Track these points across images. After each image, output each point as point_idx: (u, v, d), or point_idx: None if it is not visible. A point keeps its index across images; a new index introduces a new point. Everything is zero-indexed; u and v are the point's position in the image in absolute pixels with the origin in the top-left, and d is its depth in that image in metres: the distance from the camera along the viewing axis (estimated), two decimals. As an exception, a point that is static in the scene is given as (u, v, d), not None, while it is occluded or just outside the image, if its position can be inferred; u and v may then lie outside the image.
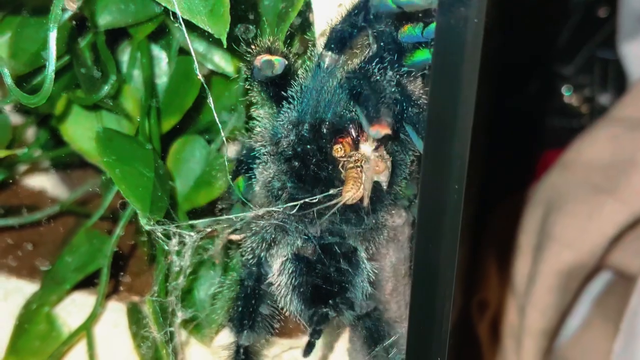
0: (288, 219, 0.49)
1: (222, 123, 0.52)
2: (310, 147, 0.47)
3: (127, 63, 0.57)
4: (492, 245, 0.88)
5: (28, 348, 0.58)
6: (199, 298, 0.57)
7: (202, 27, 0.44)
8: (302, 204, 0.47)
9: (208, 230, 0.53)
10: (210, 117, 0.56)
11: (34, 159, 0.67)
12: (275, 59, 0.47)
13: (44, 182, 0.71)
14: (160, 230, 0.50)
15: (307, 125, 0.48)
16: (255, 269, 0.51)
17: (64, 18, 0.49)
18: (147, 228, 0.50)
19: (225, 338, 0.53)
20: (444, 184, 0.39)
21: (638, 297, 0.72)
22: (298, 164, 0.48)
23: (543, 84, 1.02)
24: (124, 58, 0.58)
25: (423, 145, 0.41)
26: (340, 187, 0.46)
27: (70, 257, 0.59)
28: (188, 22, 0.44)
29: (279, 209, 0.48)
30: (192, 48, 0.46)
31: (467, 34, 0.35)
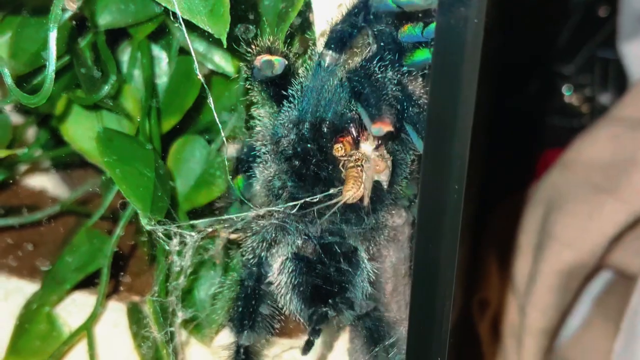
0: (288, 219, 0.49)
1: (222, 123, 0.52)
2: (311, 146, 0.47)
3: (127, 63, 0.57)
4: (492, 245, 0.88)
5: (28, 348, 0.58)
6: (200, 298, 0.57)
7: (202, 27, 0.44)
8: (302, 204, 0.47)
9: (209, 230, 0.53)
10: (211, 117, 0.56)
11: (35, 159, 0.67)
12: (275, 59, 0.47)
13: (45, 182, 0.70)
14: (161, 230, 0.50)
15: (307, 125, 0.47)
16: (256, 269, 0.51)
17: (64, 18, 0.49)
18: (148, 228, 0.50)
19: (226, 338, 0.53)
20: (444, 184, 0.39)
21: (638, 296, 0.72)
22: (298, 163, 0.48)
23: (543, 84, 1.02)
24: (124, 58, 0.58)
25: (423, 145, 0.41)
26: (341, 186, 0.46)
27: (71, 257, 0.59)
28: (188, 22, 0.44)
29: (280, 209, 0.48)
30: (192, 48, 0.46)
31: (467, 34, 0.35)
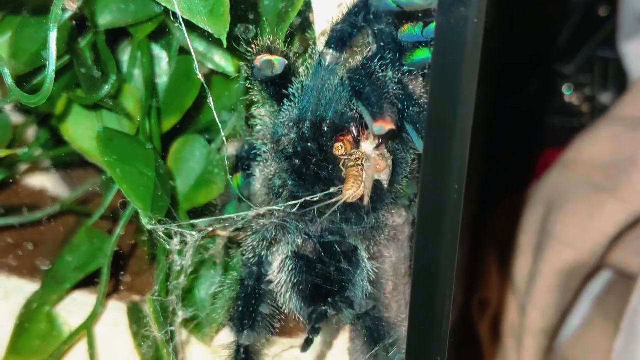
0: (289, 218, 0.49)
1: (222, 123, 0.52)
2: (311, 145, 0.47)
3: (127, 63, 0.57)
4: (492, 245, 0.88)
5: (29, 347, 0.58)
6: (200, 297, 0.57)
7: (202, 27, 0.44)
8: (302, 203, 0.47)
9: (210, 230, 0.53)
10: (211, 116, 0.56)
11: (35, 159, 0.67)
12: (276, 59, 0.47)
13: (45, 181, 0.70)
14: (162, 230, 0.50)
15: (308, 123, 0.47)
16: (256, 269, 0.51)
17: (64, 18, 0.49)
18: (149, 227, 0.50)
19: (226, 337, 0.53)
20: (444, 184, 0.39)
21: (638, 296, 0.72)
22: (299, 162, 0.48)
23: (543, 83, 1.02)
24: (125, 58, 0.58)
25: (423, 145, 0.41)
26: (341, 185, 0.46)
27: (71, 256, 0.59)
28: (188, 22, 0.44)
29: (280, 208, 0.48)
30: (192, 48, 0.46)
31: (467, 34, 0.35)
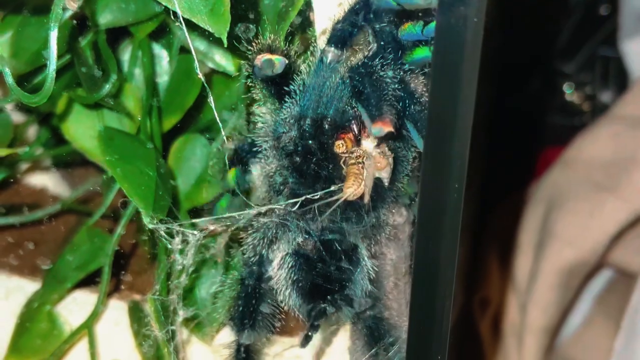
0: (289, 216, 0.49)
1: (222, 122, 0.52)
2: (312, 142, 0.47)
3: (128, 62, 0.57)
4: (493, 244, 0.88)
5: (29, 346, 0.58)
6: (200, 297, 0.57)
7: (202, 26, 0.44)
8: (303, 201, 0.47)
9: (211, 229, 0.53)
10: (211, 115, 0.56)
11: (35, 158, 0.67)
12: (276, 58, 0.47)
13: (45, 180, 0.71)
14: (164, 229, 0.50)
15: (309, 121, 0.47)
16: (256, 268, 0.51)
17: (65, 17, 0.49)
18: (150, 227, 0.50)
19: (226, 337, 0.53)
20: (444, 184, 0.39)
21: (639, 294, 0.72)
22: (299, 160, 0.48)
23: (544, 82, 1.01)
24: (125, 57, 0.58)
25: (423, 145, 0.41)
26: (342, 183, 0.46)
27: (72, 255, 0.59)
28: (189, 21, 0.44)
29: (280, 206, 0.48)
30: (192, 47, 0.46)
31: (467, 34, 0.35)
